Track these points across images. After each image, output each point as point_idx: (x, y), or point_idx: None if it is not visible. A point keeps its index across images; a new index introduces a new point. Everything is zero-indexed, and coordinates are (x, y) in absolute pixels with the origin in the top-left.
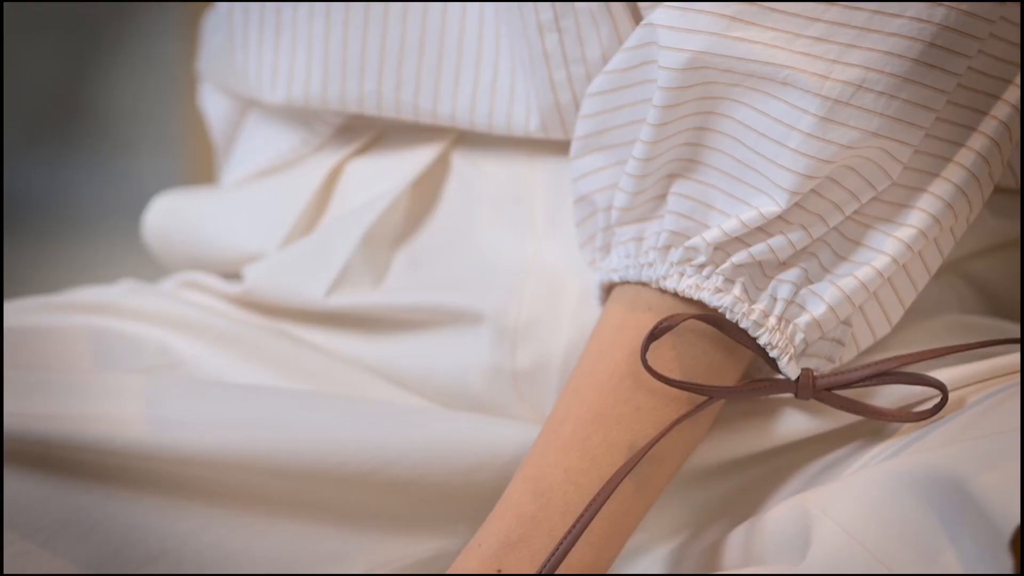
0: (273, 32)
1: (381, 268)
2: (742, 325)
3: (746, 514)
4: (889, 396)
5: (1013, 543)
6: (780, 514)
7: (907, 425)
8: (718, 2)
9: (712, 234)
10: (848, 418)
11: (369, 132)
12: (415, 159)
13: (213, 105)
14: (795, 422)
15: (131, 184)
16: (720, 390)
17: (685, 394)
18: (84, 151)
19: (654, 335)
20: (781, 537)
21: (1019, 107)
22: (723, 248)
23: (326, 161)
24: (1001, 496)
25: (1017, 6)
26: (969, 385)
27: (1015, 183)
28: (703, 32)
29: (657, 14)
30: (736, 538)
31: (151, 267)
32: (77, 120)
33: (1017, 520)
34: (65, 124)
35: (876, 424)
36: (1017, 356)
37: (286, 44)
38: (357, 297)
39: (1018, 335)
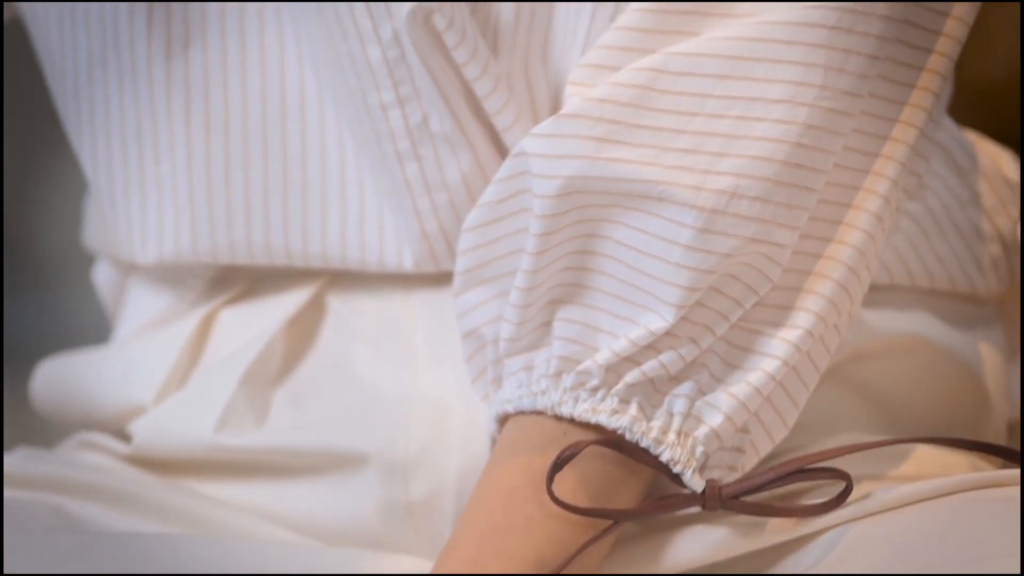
0: (138, 191)
1: (262, 408)
2: (642, 444)
3: None
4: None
5: None
6: None
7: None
8: (584, 122)
9: (603, 356)
10: (748, 543)
11: (242, 282)
12: (288, 301)
13: (100, 273)
14: (692, 548)
15: (65, 320)
16: (627, 513)
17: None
18: (16, 288)
19: (558, 465)
20: None
21: (888, 197)
22: (614, 369)
23: (199, 312)
24: None
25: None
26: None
27: (888, 279)
28: (574, 157)
29: (527, 143)
30: None
31: None
32: (8, 256)
33: None
34: None
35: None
36: (973, 477)
37: (152, 202)
38: (243, 438)
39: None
